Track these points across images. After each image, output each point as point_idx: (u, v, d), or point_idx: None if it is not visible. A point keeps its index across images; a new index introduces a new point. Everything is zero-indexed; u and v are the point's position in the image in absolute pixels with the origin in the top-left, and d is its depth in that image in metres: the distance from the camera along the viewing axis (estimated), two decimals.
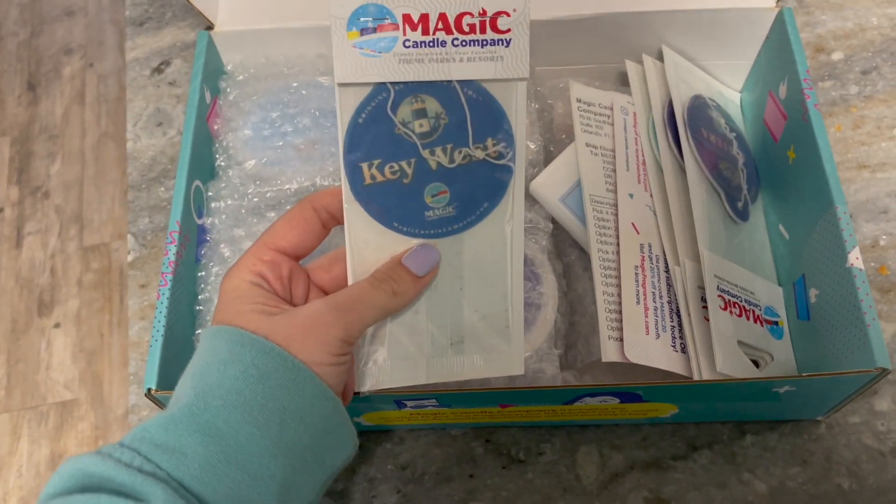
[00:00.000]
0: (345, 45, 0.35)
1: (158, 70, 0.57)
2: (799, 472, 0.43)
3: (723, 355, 0.41)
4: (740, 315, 0.43)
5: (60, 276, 1.29)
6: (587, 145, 0.47)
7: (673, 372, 0.41)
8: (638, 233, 0.45)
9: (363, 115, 0.35)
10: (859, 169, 0.52)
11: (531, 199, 0.46)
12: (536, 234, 0.44)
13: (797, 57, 0.45)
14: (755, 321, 0.44)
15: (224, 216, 0.43)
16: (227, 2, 0.49)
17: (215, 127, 0.47)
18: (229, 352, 0.32)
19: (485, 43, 0.36)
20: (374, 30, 0.35)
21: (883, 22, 0.57)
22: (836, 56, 0.56)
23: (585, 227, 0.44)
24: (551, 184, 0.46)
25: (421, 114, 0.36)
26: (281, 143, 0.45)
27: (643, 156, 0.47)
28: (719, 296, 0.43)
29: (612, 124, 0.48)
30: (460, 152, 0.36)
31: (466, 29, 0.35)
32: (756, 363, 0.44)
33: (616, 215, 0.45)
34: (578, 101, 0.48)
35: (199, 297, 0.43)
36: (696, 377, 0.40)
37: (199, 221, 0.44)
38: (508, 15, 0.35)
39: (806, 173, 0.44)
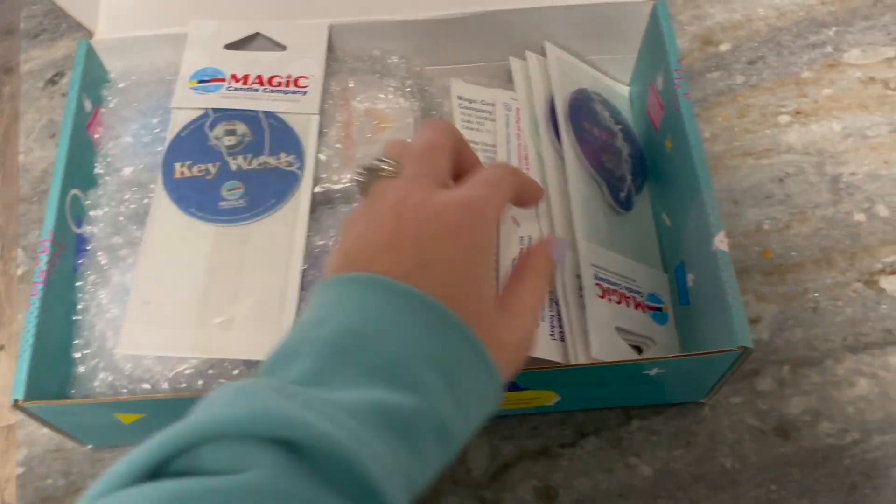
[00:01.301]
0: (185, 87, 0.47)
1: (52, 82, 0.57)
2: (683, 454, 0.44)
3: (599, 341, 0.41)
4: (619, 302, 0.44)
5: (3, 299, 1.28)
6: (468, 142, 0.47)
7: (551, 360, 0.42)
8: (518, 226, 0.45)
9: (186, 131, 0.46)
10: (745, 156, 0.53)
11: None
12: None
13: (669, 48, 0.46)
14: (636, 307, 0.45)
15: (102, 224, 0.43)
16: (108, 9, 0.49)
17: (96, 136, 0.47)
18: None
19: (287, 91, 0.47)
20: (209, 81, 0.47)
21: (769, 12, 0.59)
22: (724, 47, 0.58)
23: None
24: None
25: (231, 132, 0.46)
26: (160, 149, 0.45)
27: (525, 151, 0.48)
28: (597, 284, 0.43)
29: (495, 120, 0.48)
30: (257, 158, 0.45)
31: (275, 84, 0.48)
32: (639, 349, 0.45)
33: None
34: (459, 98, 0.48)
35: (78, 306, 0.42)
36: (572, 363, 0.41)
37: (79, 231, 0.44)
38: (307, 78, 0.48)
39: (680, 161, 0.45)
